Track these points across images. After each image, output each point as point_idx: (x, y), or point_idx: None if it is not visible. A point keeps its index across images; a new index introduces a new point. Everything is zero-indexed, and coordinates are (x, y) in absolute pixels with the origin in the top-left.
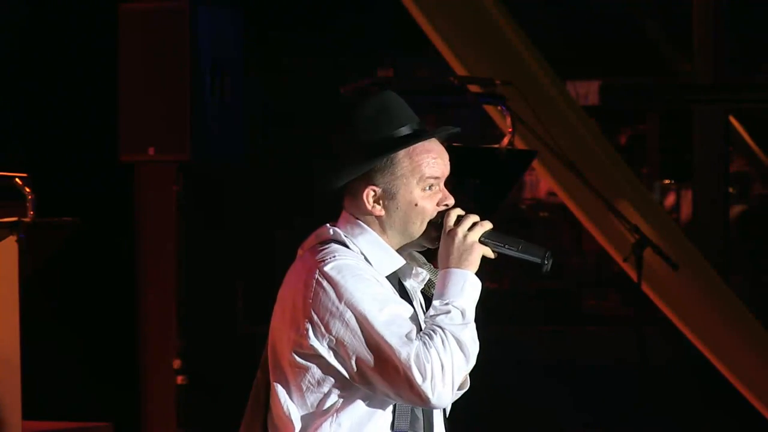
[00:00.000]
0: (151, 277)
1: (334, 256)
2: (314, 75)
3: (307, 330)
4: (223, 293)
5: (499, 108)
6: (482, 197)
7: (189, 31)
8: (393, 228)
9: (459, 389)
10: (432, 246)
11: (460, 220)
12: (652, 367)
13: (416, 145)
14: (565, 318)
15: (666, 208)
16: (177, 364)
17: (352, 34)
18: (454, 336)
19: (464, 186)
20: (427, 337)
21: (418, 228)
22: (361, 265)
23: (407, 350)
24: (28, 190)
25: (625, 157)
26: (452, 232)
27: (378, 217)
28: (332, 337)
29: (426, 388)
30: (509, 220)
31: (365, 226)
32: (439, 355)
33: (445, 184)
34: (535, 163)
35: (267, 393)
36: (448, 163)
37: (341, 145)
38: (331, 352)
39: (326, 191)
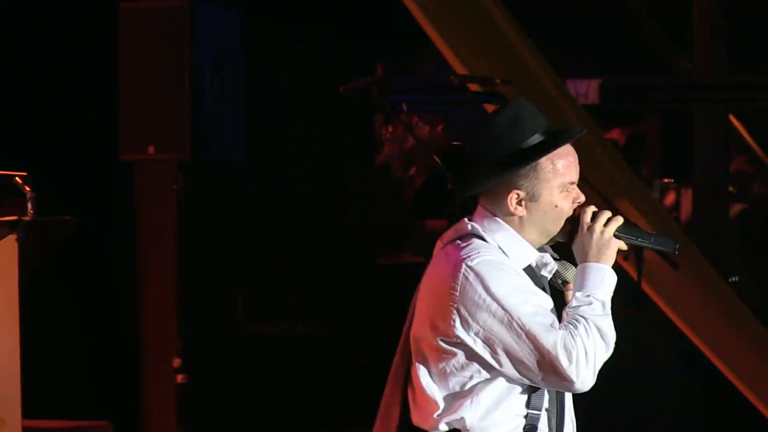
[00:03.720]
0: (151, 277)
1: (479, 252)
2: (314, 75)
3: (454, 321)
4: (223, 293)
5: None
6: None
7: (189, 31)
8: (532, 225)
9: None
10: (564, 240)
11: (595, 216)
12: (652, 366)
13: (557, 150)
14: None
15: (666, 207)
16: (177, 363)
17: (352, 33)
18: (596, 325)
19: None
20: (571, 326)
21: (556, 226)
22: (503, 260)
23: (553, 338)
24: (28, 189)
25: (625, 157)
26: (590, 228)
27: (519, 217)
28: (479, 328)
29: (571, 372)
30: None
31: (503, 223)
32: (583, 342)
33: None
34: None
35: (405, 376)
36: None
37: (479, 153)
38: (478, 341)
39: (465, 193)
